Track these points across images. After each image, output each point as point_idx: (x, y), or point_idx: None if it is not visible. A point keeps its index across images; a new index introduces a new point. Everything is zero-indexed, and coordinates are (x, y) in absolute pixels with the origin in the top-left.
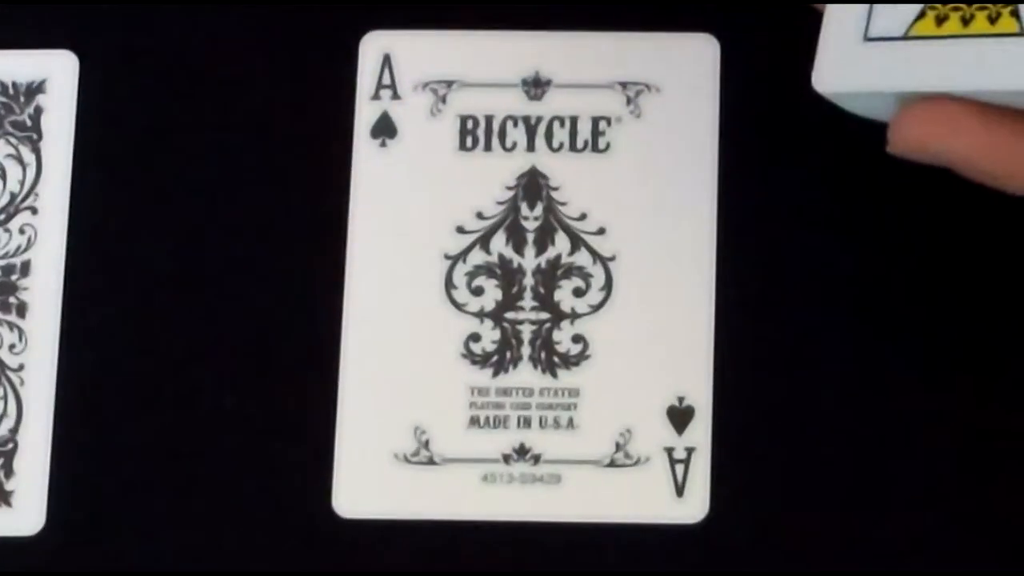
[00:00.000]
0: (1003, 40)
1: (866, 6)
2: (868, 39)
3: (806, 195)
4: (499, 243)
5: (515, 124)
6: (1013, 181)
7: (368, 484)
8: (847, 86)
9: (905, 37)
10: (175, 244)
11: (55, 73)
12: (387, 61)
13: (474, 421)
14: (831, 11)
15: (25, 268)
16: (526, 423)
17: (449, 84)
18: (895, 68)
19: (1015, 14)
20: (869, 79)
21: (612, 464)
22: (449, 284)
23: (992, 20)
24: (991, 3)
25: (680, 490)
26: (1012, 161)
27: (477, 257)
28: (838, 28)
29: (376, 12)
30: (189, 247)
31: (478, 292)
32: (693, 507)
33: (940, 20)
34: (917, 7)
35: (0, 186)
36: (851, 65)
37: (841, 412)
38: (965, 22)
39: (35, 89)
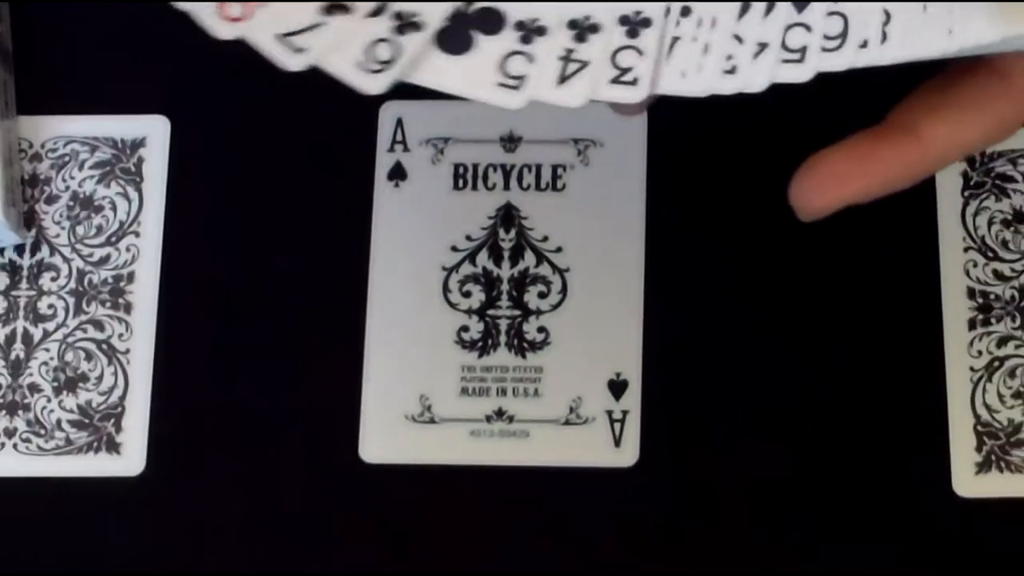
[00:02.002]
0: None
1: None
2: None
3: (711, 219)
4: (483, 258)
5: (495, 170)
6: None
7: (386, 437)
8: None
9: None
10: (245, 257)
11: (152, 132)
12: (399, 123)
13: (464, 391)
14: None
15: (131, 277)
16: (503, 392)
17: (446, 140)
18: None
19: None
20: None
21: (567, 423)
22: (445, 289)
23: None
24: None
25: (617, 442)
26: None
27: (466, 269)
28: None
29: (392, 88)
30: (254, 260)
31: (467, 295)
32: (627, 455)
33: None
34: None
35: (112, 216)
36: None
37: (744, 376)
38: None
39: (137, 144)
